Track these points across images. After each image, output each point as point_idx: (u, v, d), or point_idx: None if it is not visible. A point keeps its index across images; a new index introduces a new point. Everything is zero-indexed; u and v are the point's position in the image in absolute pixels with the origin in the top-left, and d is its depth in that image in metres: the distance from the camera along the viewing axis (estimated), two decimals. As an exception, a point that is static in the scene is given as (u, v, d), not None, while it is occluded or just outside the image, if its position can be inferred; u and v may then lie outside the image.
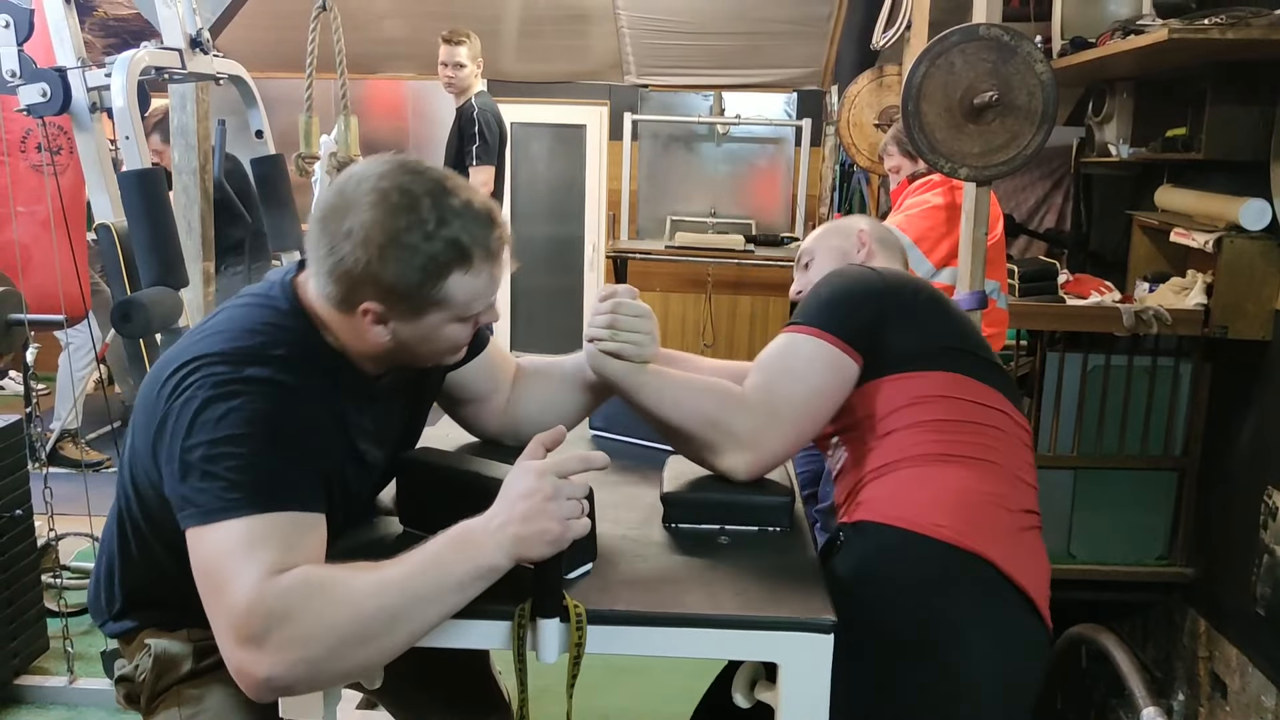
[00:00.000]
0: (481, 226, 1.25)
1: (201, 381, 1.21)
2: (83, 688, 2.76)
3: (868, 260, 1.73)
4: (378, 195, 1.22)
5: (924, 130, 2.36)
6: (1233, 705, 3.19)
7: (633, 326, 1.47)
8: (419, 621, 1.13)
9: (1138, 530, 3.51)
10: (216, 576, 1.13)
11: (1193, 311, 3.18)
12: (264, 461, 1.18)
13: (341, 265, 1.23)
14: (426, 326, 1.28)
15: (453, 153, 4.33)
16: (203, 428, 1.18)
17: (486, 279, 1.27)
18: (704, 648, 1.23)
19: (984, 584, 1.37)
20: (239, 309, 1.33)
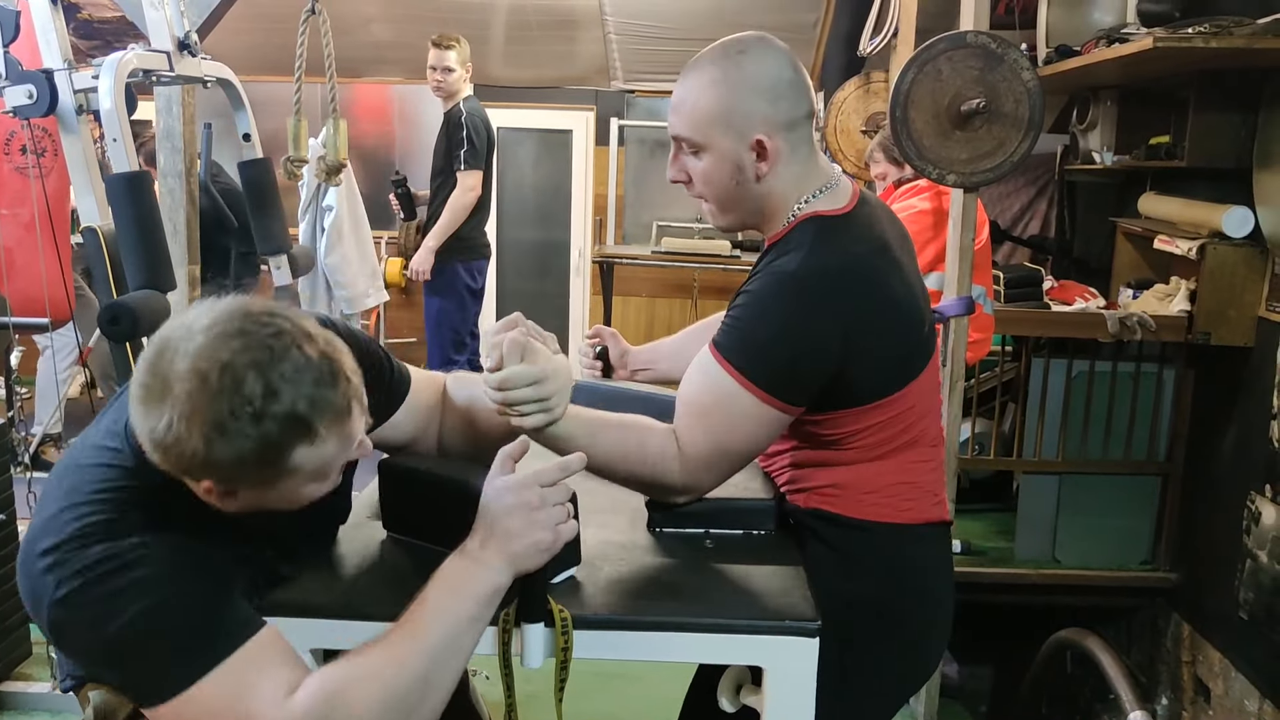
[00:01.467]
0: (323, 387, 1.10)
1: (75, 572, 1.10)
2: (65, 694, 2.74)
3: (767, 175, 1.42)
4: (195, 379, 1.06)
5: (912, 136, 2.37)
6: (1216, 709, 3.21)
7: (529, 397, 1.31)
8: (450, 672, 1.13)
9: (1121, 535, 3.53)
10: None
11: (1176, 318, 3.21)
12: (191, 613, 1.11)
13: (169, 453, 1.09)
14: (279, 491, 1.16)
15: (440, 157, 4.33)
16: (108, 618, 1.09)
17: (335, 444, 1.14)
18: (690, 652, 1.23)
19: (938, 538, 1.52)
20: (81, 472, 1.19)
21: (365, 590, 1.30)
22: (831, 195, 1.45)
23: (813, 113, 1.46)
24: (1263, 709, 2.96)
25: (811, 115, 1.46)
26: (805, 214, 1.43)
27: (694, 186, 1.47)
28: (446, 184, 4.31)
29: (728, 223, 1.51)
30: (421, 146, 5.92)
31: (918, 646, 1.51)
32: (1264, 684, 2.97)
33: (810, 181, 1.45)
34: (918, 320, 1.44)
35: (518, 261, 6.27)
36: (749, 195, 1.44)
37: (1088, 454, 3.46)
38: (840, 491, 1.45)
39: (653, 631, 1.22)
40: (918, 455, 1.47)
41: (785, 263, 1.39)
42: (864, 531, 1.44)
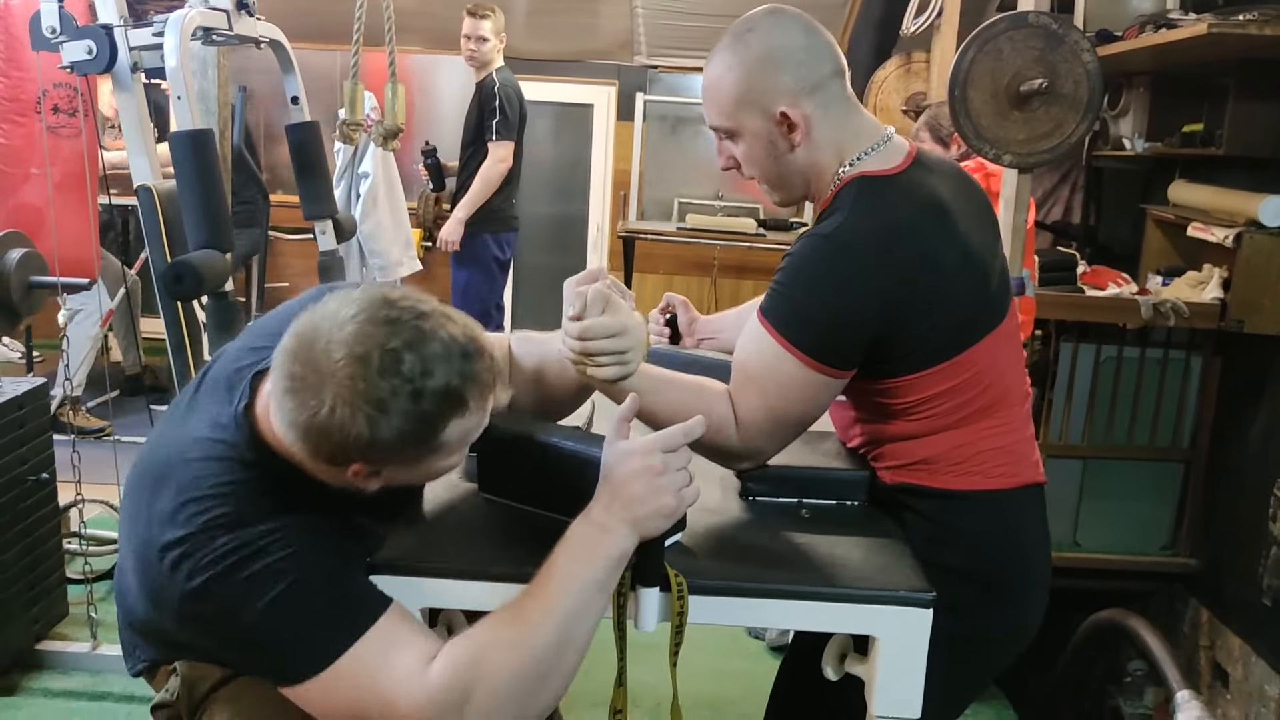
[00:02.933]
0: (470, 362, 1.16)
1: (206, 563, 1.14)
2: (105, 654, 2.75)
3: (801, 145, 1.42)
4: (356, 364, 1.11)
5: (970, 115, 2.37)
6: (1234, 694, 3.24)
7: (607, 349, 1.33)
8: (581, 637, 1.15)
9: (1143, 521, 3.55)
10: (370, 705, 1.12)
11: (1209, 305, 3.22)
12: (325, 594, 1.15)
13: (328, 438, 1.13)
14: (423, 468, 1.23)
15: (472, 127, 4.31)
16: (245, 604, 1.13)
17: (481, 415, 1.20)
18: (803, 619, 1.25)
19: (1033, 501, 1.52)
20: (195, 467, 1.21)
21: (469, 550, 1.31)
22: (881, 155, 1.43)
23: (841, 70, 1.45)
24: (1283, 694, 3.00)
25: (840, 73, 1.44)
26: (851, 175, 1.42)
27: (743, 170, 1.49)
28: (477, 155, 4.28)
29: (783, 198, 1.52)
30: (442, 117, 5.89)
31: (1018, 612, 1.51)
32: (1285, 669, 3.00)
33: (856, 141, 1.44)
34: (978, 283, 1.42)
35: (535, 235, 6.26)
36: (792, 168, 1.45)
37: (1113, 439, 3.47)
38: (926, 466, 1.45)
39: (767, 599, 1.23)
40: (999, 420, 1.45)
41: (825, 225, 1.39)
42: (957, 500, 1.44)
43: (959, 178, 1.50)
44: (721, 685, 2.87)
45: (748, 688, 2.73)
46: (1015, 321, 1.52)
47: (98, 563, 3.12)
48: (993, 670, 1.61)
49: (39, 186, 3.37)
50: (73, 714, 2.60)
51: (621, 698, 1.24)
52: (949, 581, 1.29)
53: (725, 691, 2.84)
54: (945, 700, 1.45)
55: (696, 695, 2.81)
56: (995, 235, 1.52)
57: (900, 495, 1.47)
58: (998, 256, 1.49)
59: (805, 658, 1.42)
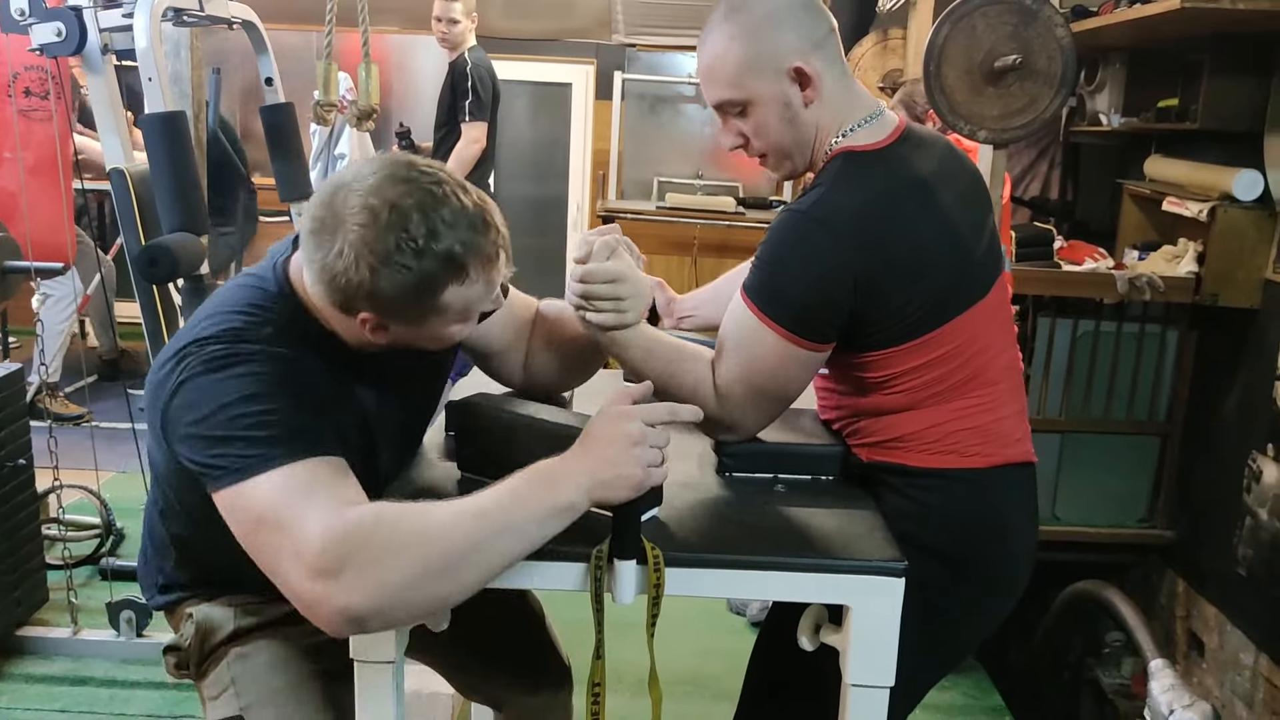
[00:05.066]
0: (476, 233, 1.23)
1: (196, 362, 1.22)
2: (86, 639, 2.75)
3: (815, 101, 1.42)
4: (367, 214, 1.19)
5: (944, 92, 2.38)
6: (1210, 663, 3.28)
7: (607, 294, 1.39)
8: (497, 554, 1.13)
9: (1121, 494, 3.59)
10: (276, 522, 1.12)
11: (1184, 279, 3.25)
12: (281, 414, 1.18)
13: (335, 281, 1.22)
14: (427, 330, 1.29)
15: (445, 108, 4.30)
16: (208, 399, 1.19)
17: (482, 286, 1.27)
18: (777, 590, 1.26)
19: (1016, 480, 1.52)
20: (229, 292, 1.34)
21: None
22: (871, 128, 1.44)
23: (834, 28, 1.46)
24: (1258, 662, 3.04)
25: (834, 30, 1.45)
26: (838, 149, 1.43)
27: (752, 146, 1.48)
28: (450, 136, 4.27)
29: (789, 169, 1.51)
30: (417, 97, 5.86)
31: (994, 590, 1.52)
32: (1260, 637, 3.04)
33: (850, 112, 1.44)
34: (959, 258, 1.42)
35: (514, 216, 6.18)
36: (804, 132, 1.44)
37: (1090, 413, 3.51)
38: (901, 444, 1.46)
39: (742, 570, 1.24)
40: (978, 397, 1.45)
41: (804, 200, 1.40)
42: (933, 478, 1.45)
43: (947, 151, 1.50)
44: (704, 661, 2.89)
45: (730, 664, 2.74)
46: (1004, 295, 1.52)
47: (77, 548, 3.12)
48: (968, 645, 1.63)
49: (11, 170, 3.34)
50: (54, 699, 2.60)
51: (600, 671, 1.25)
52: (923, 558, 1.30)
53: (707, 667, 2.86)
54: (919, 674, 1.47)
55: (679, 671, 2.83)
56: (985, 209, 1.52)
57: (876, 473, 1.48)
58: (985, 230, 1.49)
59: (781, 630, 1.43)
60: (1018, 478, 1.51)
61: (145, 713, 2.55)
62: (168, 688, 2.62)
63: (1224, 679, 3.16)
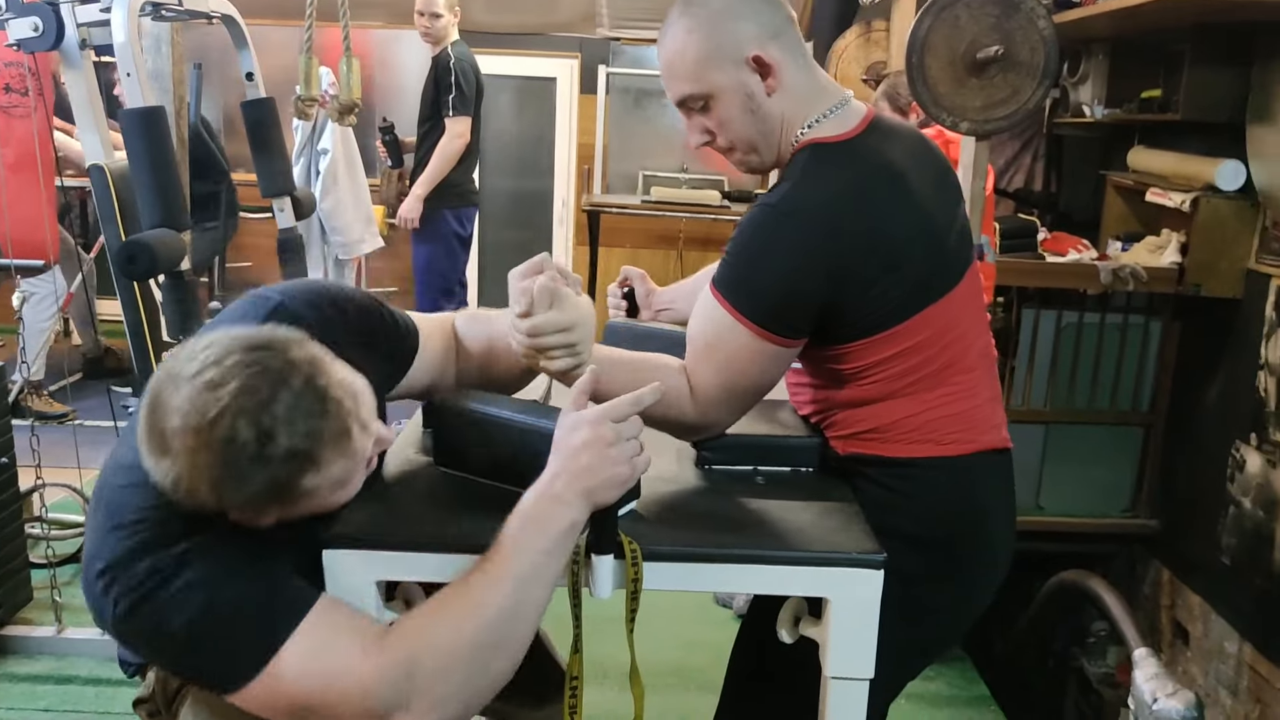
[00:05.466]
0: (315, 418, 1.10)
1: (127, 592, 1.13)
2: (71, 637, 2.74)
3: (777, 90, 1.41)
4: (192, 437, 1.07)
5: (927, 83, 2.38)
6: (1194, 651, 3.30)
7: (559, 343, 1.32)
8: (532, 608, 1.15)
9: (1105, 484, 3.61)
10: (323, 700, 1.11)
11: (1167, 270, 3.26)
12: (245, 596, 1.13)
13: (186, 501, 1.12)
14: (309, 507, 1.17)
15: (428, 103, 4.28)
16: (165, 625, 1.12)
17: (343, 463, 1.15)
18: (756, 583, 1.26)
19: (992, 467, 1.51)
20: (121, 494, 1.20)
21: (425, 522, 1.30)
22: (837, 119, 1.43)
23: (792, 18, 1.45)
24: (1242, 650, 3.06)
25: (792, 20, 1.45)
26: (805, 140, 1.42)
27: (718, 140, 1.47)
28: (434, 131, 4.26)
29: (760, 160, 1.49)
30: (401, 90, 5.84)
31: (973, 579, 1.53)
32: (1243, 626, 3.06)
33: (815, 102, 1.44)
34: (931, 248, 1.41)
35: (499, 211, 6.22)
36: (769, 123, 1.43)
37: (1074, 404, 3.52)
38: (878, 435, 1.46)
39: (721, 564, 1.24)
40: (953, 385, 1.45)
41: (773, 194, 1.39)
42: (910, 468, 1.45)
43: (916, 141, 1.49)
44: (689, 654, 2.90)
45: (715, 656, 2.73)
46: (976, 283, 1.52)
47: (61, 547, 3.10)
48: (949, 634, 1.63)
49: (-9, 168, 3.31)
50: (39, 698, 2.59)
51: (577, 664, 1.25)
52: (901, 548, 1.30)
53: (692, 660, 2.87)
54: (899, 664, 1.46)
55: (664, 663, 2.83)
56: (955, 198, 1.51)
57: (854, 465, 1.48)
58: (956, 219, 1.48)
59: (762, 623, 1.44)
60: (995, 464, 1.52)
61: (130, 711, 2.52)
62: (126, 667, 2.61)
63: (1208, 667, 3.17)
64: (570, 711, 1.25)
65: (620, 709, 2.07)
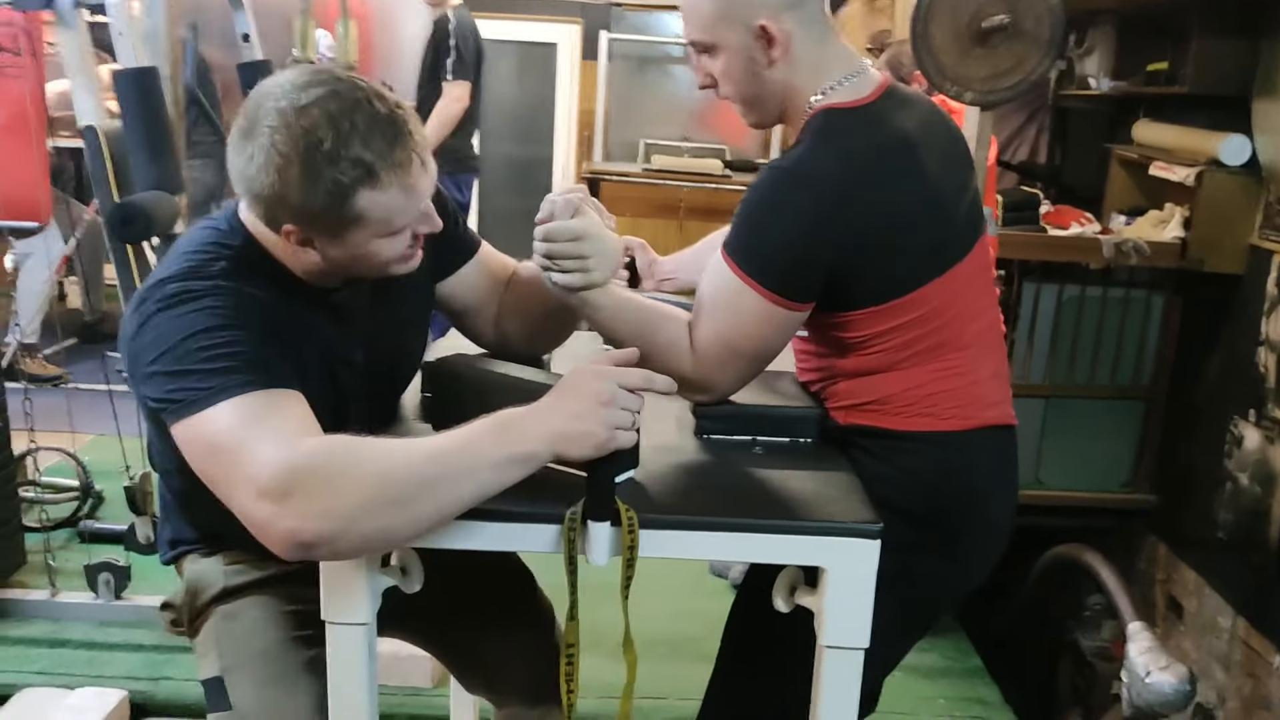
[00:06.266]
0: (387, 140, 1.21)
1: (153, 303, 1.23)
2: (65, 601, 2.74)
3: (780, 61, 1.40)
4: (278, 118, 1.19)
5: (931, 52, 2.35)
6: (1189, 625, 3.31)
7: (569, 252, 1.36)
8: (451, 494, 1.13)
9: (1104, 458, 3.60)
10: (229, 448, 1.13)
11: (1170, 244, 3.23)
12: (237, 346, 1.19)
13: (253, 189, 1.23)
14: (352, 245, 1.27)
15: (428, 66, 4.24)
16: (165, 336, 1.20)
17: (398, 193, 1.24)
18: (752, 552, 1.25)
19: (992, 443, 1.50)
20: (185, 237, 1.37)
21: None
22: (853, 86, 1.42)
23: None
24: (1235, 625, 3.06)
25: None
26: (819, 106, 1.41)
27: (720, 88, 1.47)
28: (433, 95, 4.22)
29: (756, 119, 1.51)
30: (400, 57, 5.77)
31: (966, 553, 1.52)
32: (1238, 601, 3.06)
33: (829, 71, 1.42)
34: (940, 219, 1.41)
35: (498, 178, 6.18)
36: (769, 88, 1.43)
37: (1075, 378, 3.50)
38: (878, 407, 1.45)
39: (717, 532, 1.23)
40: (954, 360, 1.44)
41: (787, 158, 1.39)
42: (906, 441, 1.44)
43: (930, 111, 1.48)
44: (684, 623, 2.90)
45: (710, 626, 2.72)
46: (985, 258, 1.50)
47: (55, 511, 3.10)
48: (939, 608, 1.63)
49: (-16, 128, 3.27)
50: (32, 661, 2.58)
51: (573, 632, 1.24)
52: (894, 521, 1.28)
53: (687, 629, 2.87)
54: (893, 637, 1.46)
55: (659, 633, 2.83)
56: (966, 170, 1.51)
57: (853, 436, 1.47)
58: (967, 191, 1.47)
59: (757, 593, 1.43)
60: (995, 441, 1.50)
61: (124, 674, 2.54)
62: (146, 649, 2.62)
63: (1202, 642, 3.18)
64: (566, 679, 1.24)
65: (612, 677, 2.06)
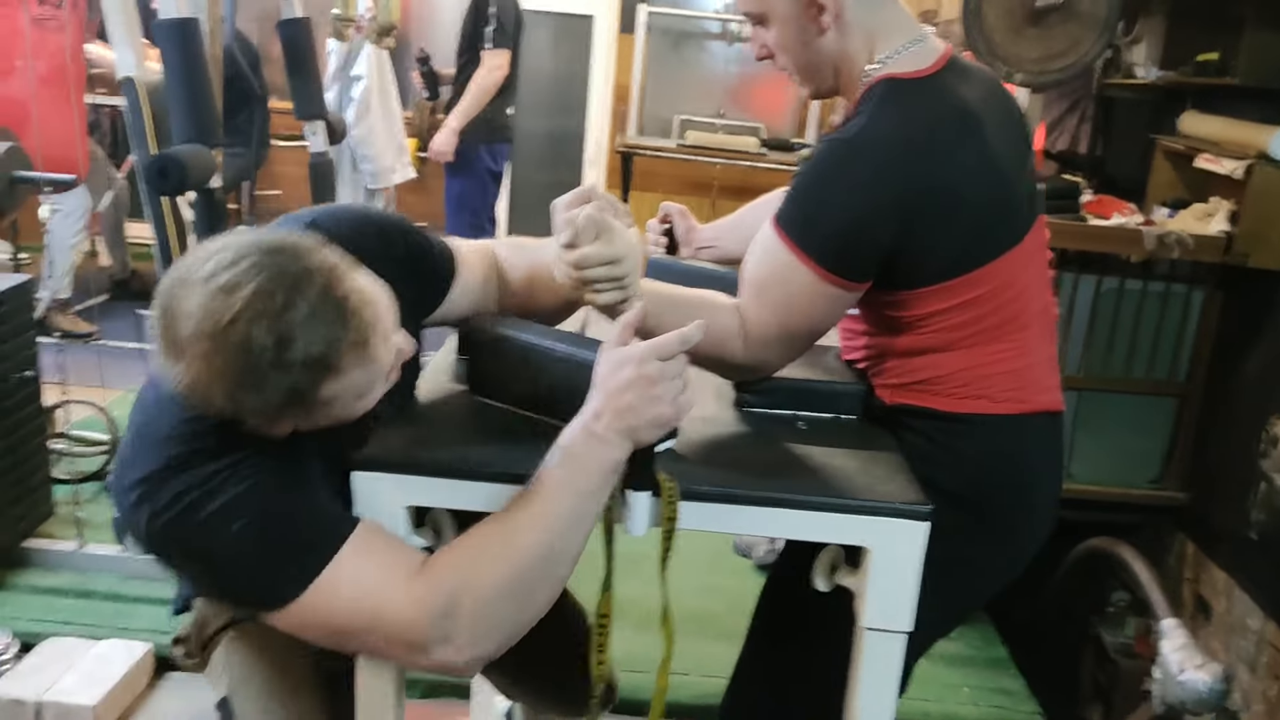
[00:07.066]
0: (334, 326, 1.07)
1: (163, 508, 1.12)
2: (91, 553, 2.75)
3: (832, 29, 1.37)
4: (204, 342, 1.04)
5: (983, 31, 2.31)
6: (1216, 626, 3.27)
7: (605, 276, 1.28)
8: (572, 546, 1.13)
9: (1135, 453, 3.55)
10: (365, 627, 1.11)
11: (1215, 238, 3.17)
12: (286, 518, 1.12)
13: (202, 406, 1.10)
14: (328, 416, 1.15)
15: (467, 36, 4.22)
16: (202, 544, 1.12)
17: (361, 371, 1.12)
18: (795, 529, 1.22)
19: (1042, 428, 1.47)
20: (158, 408, 1.19)
21: (458, 448, 1.27)
22: (914, 55, 1.36)
23: None
24: (1265, 627, 3.02)
25: None
26: (879, 75, 1.36)
27: (776, 59, 1.43)
28: (471, 64, 4.20)
29: (813, 90, 1.47)
30: (438, 25, 5.75)
31: (1012, 539, 1.49)
32: (1268, 603, 3.02)
33: (888, 38, 1.37)
34: (1001, 197, 1.36)
35: (531, 150, 6.12)
36: (822, 55, 1.39)
37: (1110, 371, 3.45)
38: (930, 386, 1.42)
39: (760, 507, 1.20)
40: (1012, 342, 1.41)
41: (847, 129, 1.34)
42: (958, 423, 1.41)
43: (992, 85, 1.43)
44: (707, 600, 2.88)
45: (732, 603, 2.74)
46: (1043, 237, 1.46)
47: (84, 464, 3.11)
48: (982, 594, 1.60)
49: (23, 80, 3.27)
50: (58, 610, 2.59)
51: (607, 602, 1.22)
52: (942, 504, 1.25)
53: (710, 606, 2.85)
54: (930, 622, 1.43)
55: (681, 609, 2.75)
56: (1026, 149, 1.46)
57: (900, 416, 1.44)
58: (1026, 170, 1.43)
59: (790, 575, 1.40)
60: (1046, 426, 1.47)
61: (148, 628, 2.55)
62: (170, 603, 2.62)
63: (1229, 642, 3.14)
64: (598, 650, 1.23)
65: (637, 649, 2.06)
